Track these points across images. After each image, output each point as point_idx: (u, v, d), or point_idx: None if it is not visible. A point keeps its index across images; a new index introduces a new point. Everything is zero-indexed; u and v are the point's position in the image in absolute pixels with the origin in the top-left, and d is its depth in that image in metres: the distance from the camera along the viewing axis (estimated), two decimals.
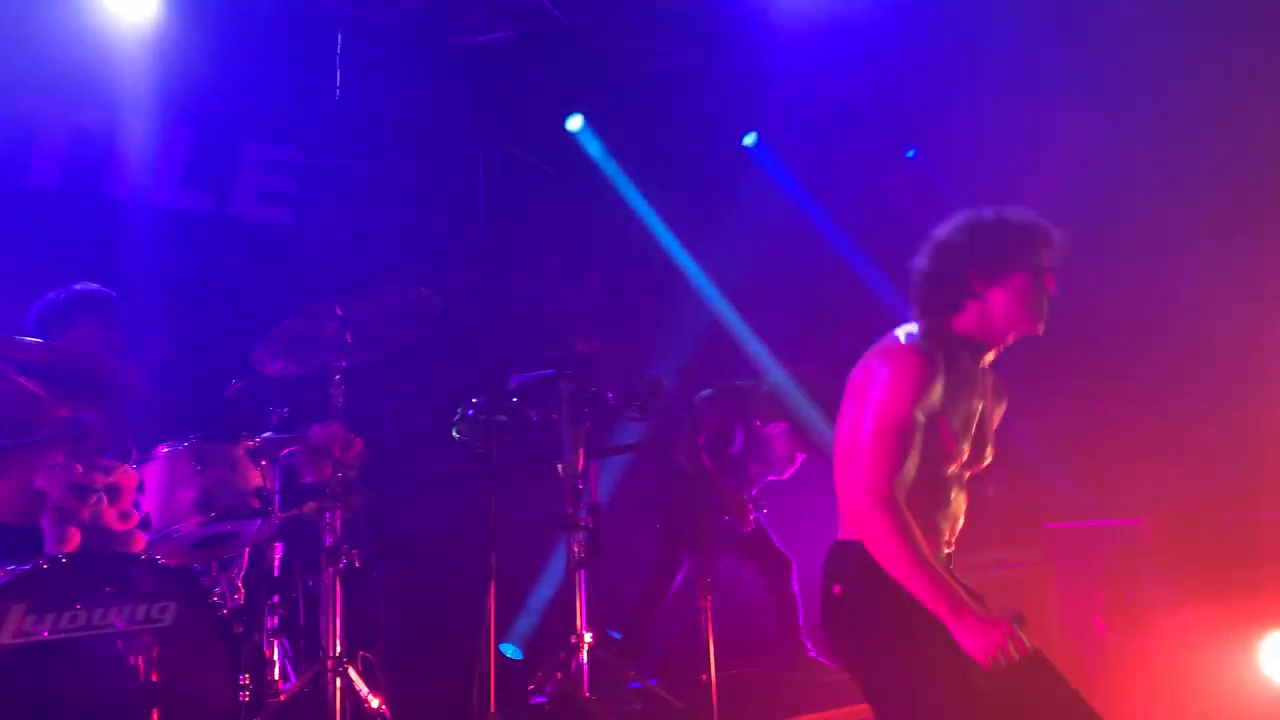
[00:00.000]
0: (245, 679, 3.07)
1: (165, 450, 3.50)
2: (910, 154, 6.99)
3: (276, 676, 3.60)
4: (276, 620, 3.61)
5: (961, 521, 2.61)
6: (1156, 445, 6.53)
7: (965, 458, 2.55)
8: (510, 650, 5.49)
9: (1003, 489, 6.43)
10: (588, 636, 4.54)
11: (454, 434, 4.65)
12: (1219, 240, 6.54)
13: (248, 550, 3.63)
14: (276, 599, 3.61)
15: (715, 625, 4.28)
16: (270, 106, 5.69)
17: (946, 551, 2.56)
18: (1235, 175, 5.99)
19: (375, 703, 3.54)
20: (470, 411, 4.60)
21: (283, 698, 3.52)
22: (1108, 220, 6.49)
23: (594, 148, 6.24)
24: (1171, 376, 6.69)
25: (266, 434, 3.64)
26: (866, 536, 2.35)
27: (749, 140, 6.70)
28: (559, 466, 4.59)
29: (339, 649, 3.51)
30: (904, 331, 2.60)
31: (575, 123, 6.30)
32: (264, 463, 3.53)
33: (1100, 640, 5.80)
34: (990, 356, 2.67)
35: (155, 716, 2.97)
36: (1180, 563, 5.76)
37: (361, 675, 3.57)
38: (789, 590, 5.43)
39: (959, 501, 2.59)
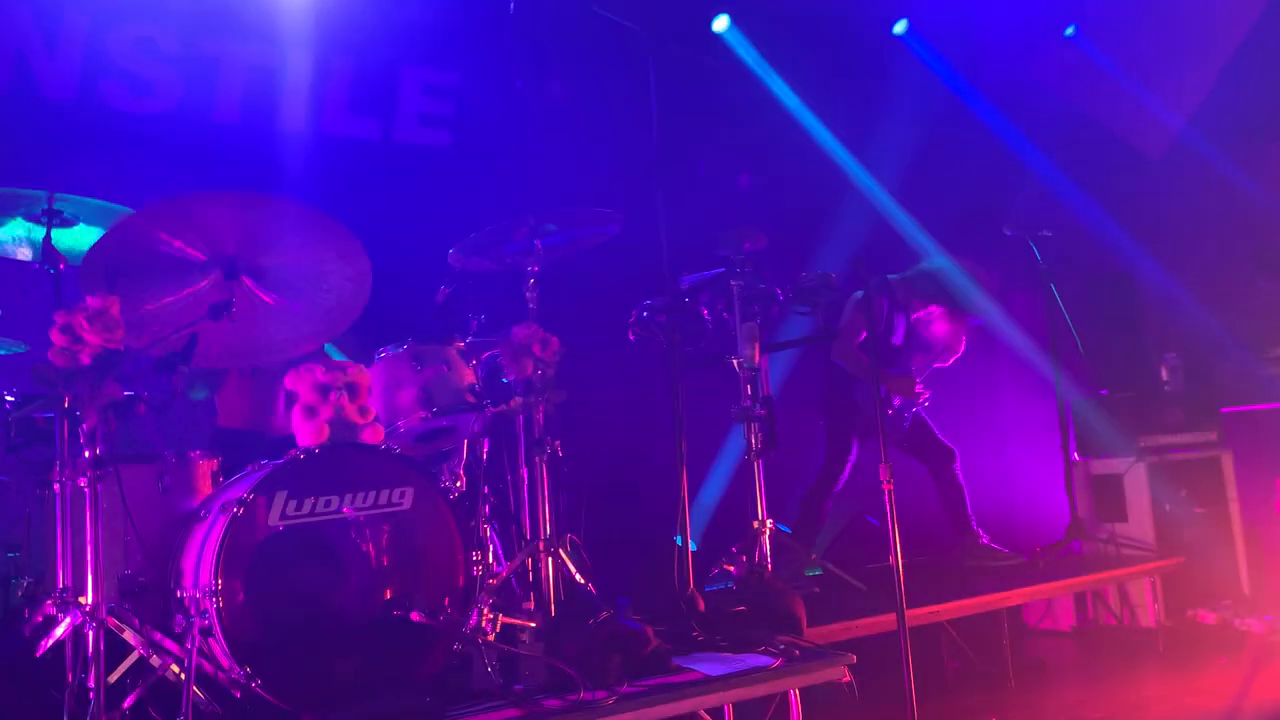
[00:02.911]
0: (476, 556, 3.34)
1: (386, 353, 3.79)
2: (1068, 32, 6.73)
3: (490, 559, 3.88)
4: (488, 508, 3.88)
5: None
6: None
7: None
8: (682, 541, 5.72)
9: (1178, 374, 6.30)
10: (769, 523, 4.72)
11: (630, 335, 4.83)
12: None
13: (465, 442, 3.90)
14: (487, 489, 3.88)
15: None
16: (427, 29, 5.85)
17: None
18: None
19: (583, 580, 3.79)
20: (645, 312, 4.77)
21: (498, 578, 3.80)
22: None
23: (743, 47, 6.22)
24: None
25: (471, 336, 3.89)
26: None
27: (899, 28, 6.57)
28: (734, 361, 4.73)
29: (549, 531, 3.77)
30: None
31: (721, 23, 6.28)
32: (473, 362, 3.78)
33: None
34: None
35: (392, 593, 3.24)
36: None
37: (569, 556, 3.83)
38: (955, 480, 5.48)
39: None
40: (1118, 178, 6.81)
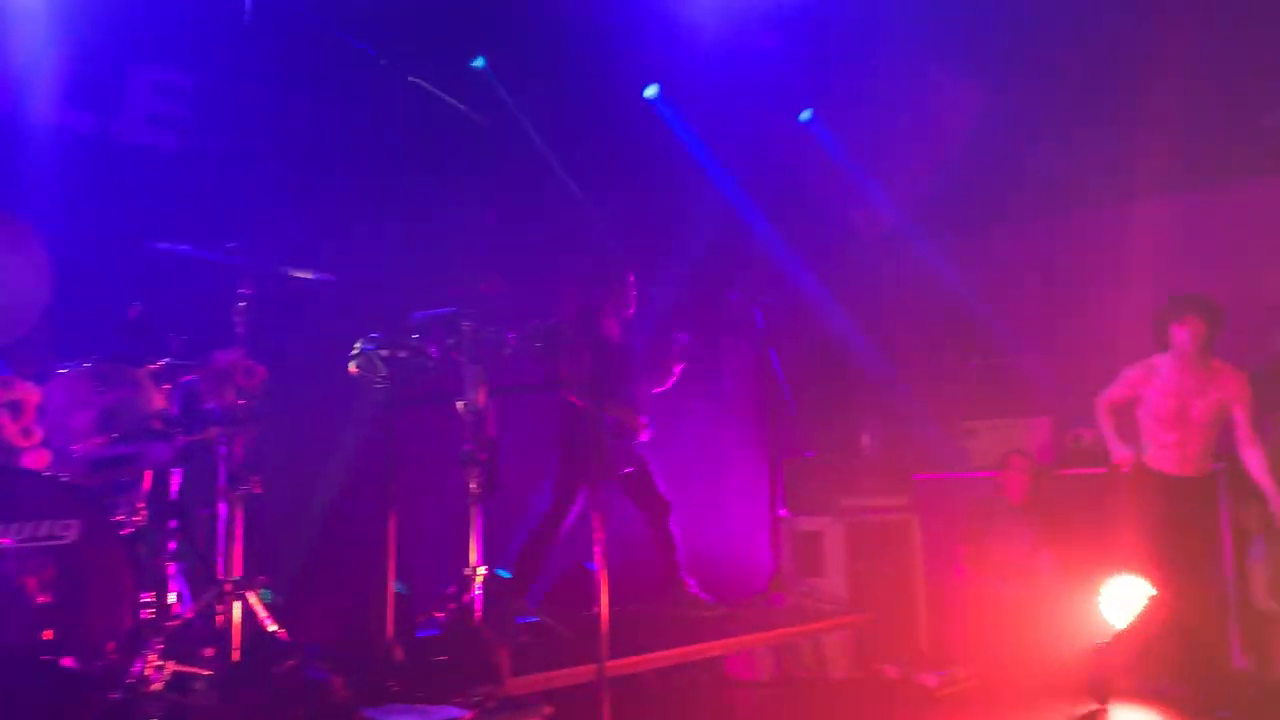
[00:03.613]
0: (147, 599, 3.08)
1: (65, 370, 3.45)
2: (804, 116, 7.20)
3: (173, 600, 3.60)
4: (174, 545, 3.61)
5: None
6: (1015, 403, 6.99)
7: None
8: (396, 586, 5.53)
9: (878, 441, 6.79)
10: (481, 570, 4.65)
11: (351, 368, 4.65)
12: (1088, 208, 6.99)
13: (149, 473, 3.60)
14: (175, 524, 3.60)
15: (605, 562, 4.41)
16: (162, 27, 5.51)
17: None
18: (1111, 148, 6.35)
19: (273, 627, 3.59)
20: (369, 346, 4.61)
21: (179, 622, 3.53)
22: (989, 187, 6.86)
23: (497, 89, 6.23)
24: (1031, 342, 7.14)
25: (168, 358, 3.62)
26: None
27: (650, 92, 6.79)
28: (459, 404, 4.67)
29: (239, 573, 3.54)
30: None
31: (478, 63, 6.27)
32: (166, 387, 3.51)
33: (961, 581, 6.21)
34: None
35: (53, 633, 2.95)
36: (1034, 512, 6.23)
37: (260, 600, 3.61)
38: (667, 532, 5.53)
39: None
40: (837, 255, 7.33)
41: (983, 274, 7.23)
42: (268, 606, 3.64)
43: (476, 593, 4.61)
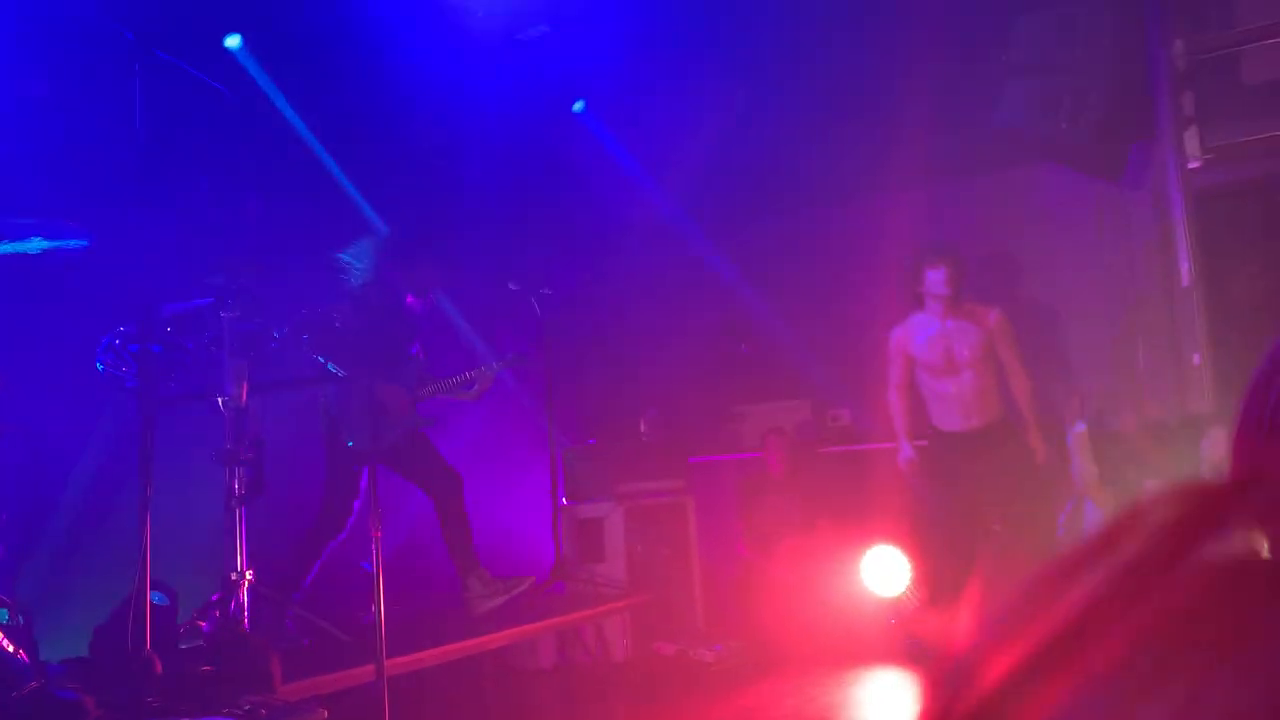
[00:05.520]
0: None
1: None
2: (577, 107, 7.25)
3: None
4: None
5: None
6: (779, 386, 7.34)
7: None
8: (155, 596, 5.19)
9: (655, 427, 6.97)
10: (248, 574, 4.44)
11: (97, 365, 4.32)
12: (845, 201, 7.41)
13: None
14: None
15: (386, 562, 4.29)
16: None
17: None
18: (865, 145, 6.73)
19: (11, 647, 3.29)
20: (116, 340, 4.30)
21: None
22: (754, 182, 7.15)
23: (255, 70, 5.93)
24: (794, 329, 7.51)
25: None
26: None
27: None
28: (219, 400, 4.43)
29: None
30: None
31: (234, 41, 5.95)
32: None
33: (740, 558, 6.48)
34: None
35: None
36: (795, 488, 6.58)
37: None
38: (460, 510, 5.23)
39: None
40: (612, 246, 7.45)
41: (749, 265, 7.54)
42: (5, 628, 3.33)
43: (243, 599, 4.41)
